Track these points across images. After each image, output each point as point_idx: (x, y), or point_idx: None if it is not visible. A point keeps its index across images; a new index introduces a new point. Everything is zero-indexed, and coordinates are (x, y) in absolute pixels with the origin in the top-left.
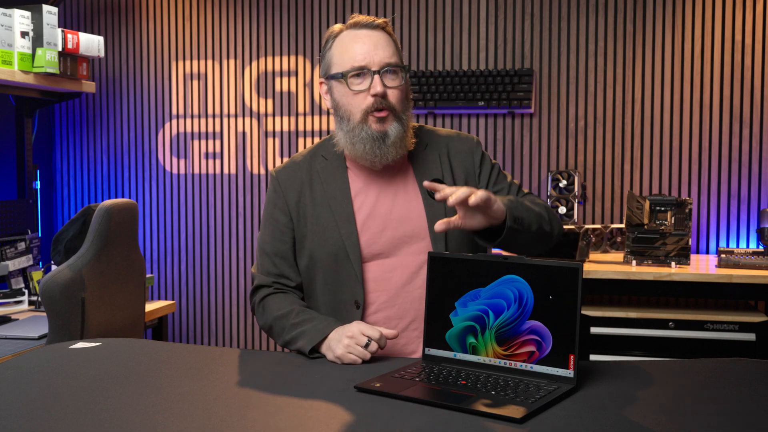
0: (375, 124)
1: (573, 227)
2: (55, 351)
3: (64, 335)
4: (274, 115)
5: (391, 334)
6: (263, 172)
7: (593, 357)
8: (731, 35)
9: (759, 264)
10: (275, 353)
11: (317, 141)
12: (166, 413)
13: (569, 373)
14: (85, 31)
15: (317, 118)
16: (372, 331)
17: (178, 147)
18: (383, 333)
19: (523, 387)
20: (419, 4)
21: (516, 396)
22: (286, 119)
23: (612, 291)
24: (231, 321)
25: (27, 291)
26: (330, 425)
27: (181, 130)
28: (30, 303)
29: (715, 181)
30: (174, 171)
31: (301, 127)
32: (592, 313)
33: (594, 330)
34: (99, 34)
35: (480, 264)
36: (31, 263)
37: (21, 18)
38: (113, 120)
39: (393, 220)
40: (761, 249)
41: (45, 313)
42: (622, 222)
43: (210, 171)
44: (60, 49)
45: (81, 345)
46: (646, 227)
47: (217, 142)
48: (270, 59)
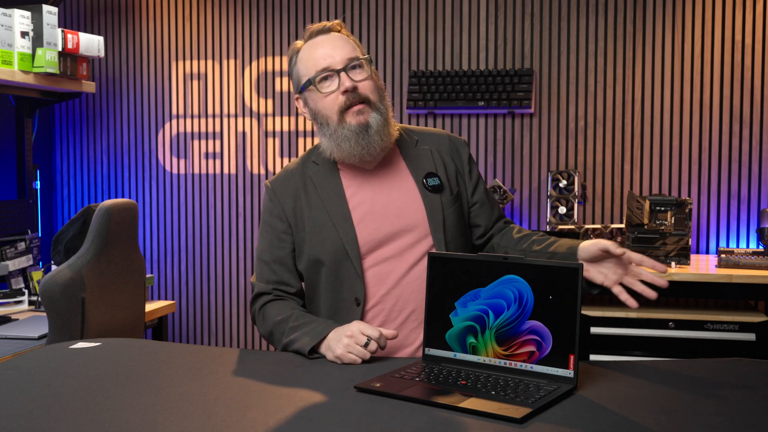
0: (353, 117)
1: (573, 227)
2: (55, 351)
3: (64, 335)
4: (274, 115)
5: (391, 334)
6: (263, 172)
7: (593, 357)
8: (731, 35)
9: (759, 264)
10: (275, 353)
11: (317, 141)
12: (166, 413)
13: (569, 373)
14: (85, 31)
15: None
16: (371, 331)
17: (178, 147)
18: (383, 333)
19: (523, 387)
20: (419, 4)
21: (516, 396)
22: (286, 119)
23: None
24: (231, 321)
25: (27, 291)
26: (330, 425)
27: (181, 130)
28: (30, 303)
29: (715, 181)
30: (174, 171)
31: (301, 127)
32: (592, 313)
33: (594, 330)
34: (99, 34)
35: (480, 264)
36: (31, 263)
37: (21, 18)
38: (113, 120)
39: (390, 214)
40: (761, 249)
41: (45, 313)
42: (622, 222)
43: (210, 171)
44: (60, 49)
45: (81, 345)
46: (646, 227)
47: (217, 142)
48: (270, 59)
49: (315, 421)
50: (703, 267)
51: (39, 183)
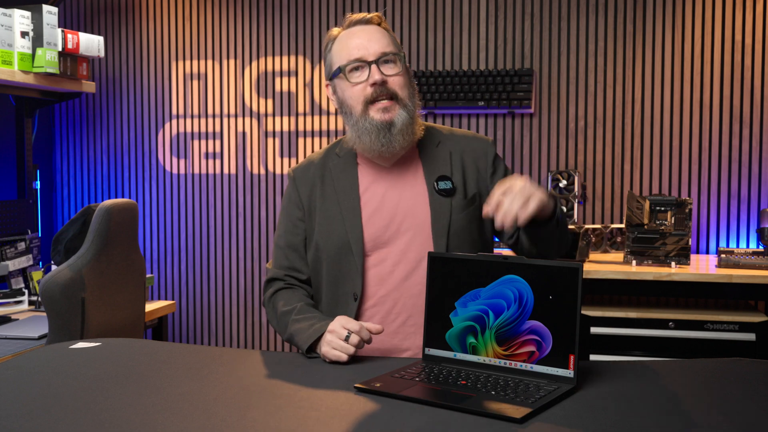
0: (378, 113)
1: (573, 227)
2: (55, 351)
3: (64, 335)
4: (274, 115)
5: (375, 328)
6: (263, 172)
7: (593, 357)
8: (731, 35)
9: (759, 264)
10: (275, 353)
11: (317, 141)
12: (166, 413)
13: (569, 373)
14: (85, 31)
15: (317, 118)
16: (352, 324)
17: (178, 147)
18: (367, 327)
19: (523, 387)
20: (419, 4)
21: (516, 396)
22: (286, 119)
23: (612, 291)
24: (231, 321)
25: (27, 291)
26: (330, 425)
27: (181, 130)
28: (30, 303)
29: (715, 181)
30: (174, 171)
31: (301, 127)
32: (592, 313)
33: (594, 330)
34: (99, 34)
35: (480, 264)
36: (31, 263)
37: (21, 18)
38: (113, 120)
39: (399, 214)
40: (761, 249)
41: (45, 313)
42: (622, 222)
43: (210, 171)
44: (60, 49)
45: (81, 345)
46: (646, 227)
47: (217, 142)
48: (270, 59)
49: (315, 421)
50: (703, 267)
51: (39, 183)
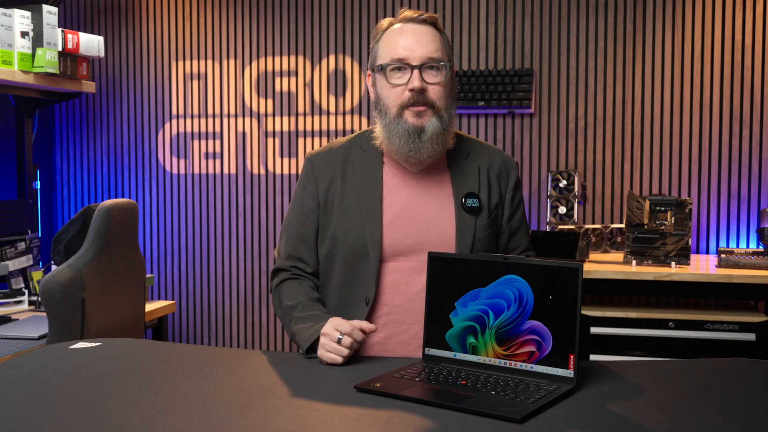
0: (411, 118)
1: (573, 227)
2: (55, 351)
3: (64, 335)
4: (274, 115)
5: (369, 327)
6: (263, 172)
7: (593, 357)
8: (731, 35)
9: (759, 264)
10: (275, 353)
11: (317, 141)
12: (166, 413)
13: (569, 373)
14: (85, 31)
15: (317, 118)
16: (344, 326)
17: (178, 147)
18: (361, 327)
19: (523, 387)
20: (419, 4)
21: (516, 396)
22: (286, 119)
23: (612, 291)
24: (231, 321)
25: (27, 291)
26: (330, 425)
27: (181, 130)
28: (30, 303)
29: (715, 181)
30: (174, 171)
31: (301, 127)
32: (592, 313)
33: (594, 330)
34: (99, 34)
35: (480, 264)
36: (31, 263)
37: (21, 18)
38: (113, 120)
39: (421, 223)
40: (761, 249)
41: (45, 313)
42: (622, 222)
43: (210, 171)
44: (60, 49)
45: (81, 345)
46: (646, 227)
47: (217, 142)
48: (270, 59)
49: (315, 421)
50: (703, 267)
51: (39, 183)
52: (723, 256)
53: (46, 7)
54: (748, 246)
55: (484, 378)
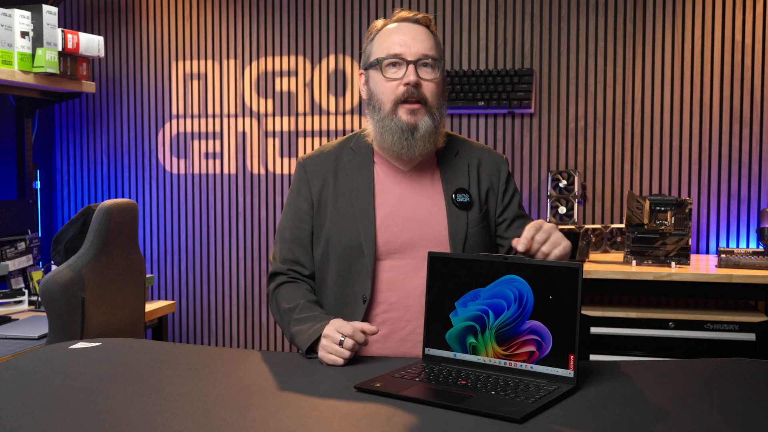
0: (405, 115)
1: (573, 227)
2: (55, 351)
3: (64, 335)
4: (274, 115)
5: (370, 329)
6: (263, 172)
7: (593, 357)
8: (731, 35)
9: (759, 264)
10: (275, 353)
11: (317, 141)
12: (166, 413)
13: (569, 373)
14: (85, 31)
15: (317, 118)
16: (346, 328)
17: (178, 147)
18: (363, 328)
19: (523, 387)
20: (419, 4)
21: (516, 396)
22: (286, 119)
23: (612, 291)
24: (231, 321)
25: (27, 291)
26: (330, 425)
27: (181, 130)
28: (30, 303)
29: (715, 181)
30: (174, 171)
31: (301, 127)
32: (592, 313)
33: (594, 330)
34: (99, 34)
35: (480, 264)
36: (31, 263)
37: (21, 18)
38: (113, 120)
39: (414, 221)
40: (761, 249)
41: (45, 313)
42: (622, 222)
43: (210, 171)
44: (60, 49)
45: (81, 345)
46: (646, 227)
47: (217, 142)
48: (270, 59)
49: (315, 421)
50: (703, 267)
51: (39, 183)
52: (723, 256)
53: (46, 7)
54: (748, 246)
55: (484, 378)
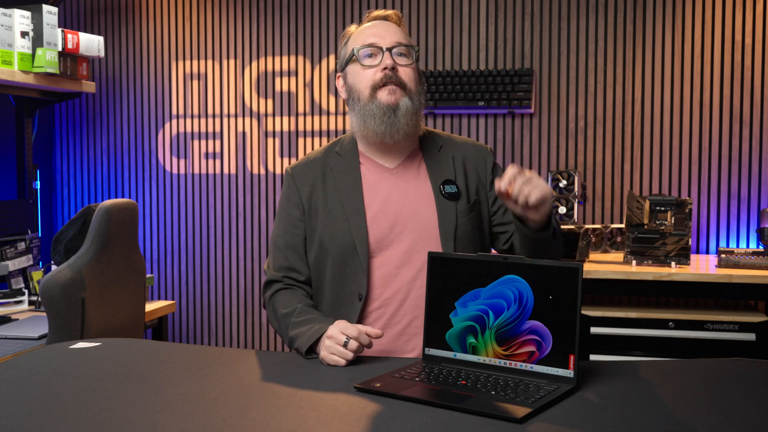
0: (386, 96)
1: (573, 227)
2: (55, 351)
3: (64, 335)
4: (274, 115)
5: (375, 333)
6: (263, 172)
7: (593, 357)
8: (731, 35)
9: (759, 264)
10: (275, 353)
11: (317, 141)
12: (166, 413)
13: (569, 373)
14: (85, 31)
15: (317, 118)
16: (351, 330)
17: (178, 147)
18: (367, 332)
19: (523, 387)
20: (419, 4)
21: (516, 396)
22: (286, 119)
23: (612, 291)
24: (231, 321)
25: (27, 291)
26: (330, 425)
27: (181, 130)
28: (30, 303)
29: (715, 181)
30: (174, 171)
31: (301, 127)
32: (592, 313)
33: (594, 330)
34: (99, 34)
35: (480, 264)
36: (31, 263)
37: (21, 18)
38: (113, 120)
39: (403, 216)
40: (761, 249)
41: (45, 313)
42: (622, 222)
43: (210, 171)
44: (60, 49)
45: (81, 345)
46: (646, 227)
47: (217, 142)
48: (270, 59)
49: (315, 421)
50: (703, 267)
51: (39, 183)
52: (723, 256)
53: (46, 7)
54: (748, 246)
55: (484, 378)
